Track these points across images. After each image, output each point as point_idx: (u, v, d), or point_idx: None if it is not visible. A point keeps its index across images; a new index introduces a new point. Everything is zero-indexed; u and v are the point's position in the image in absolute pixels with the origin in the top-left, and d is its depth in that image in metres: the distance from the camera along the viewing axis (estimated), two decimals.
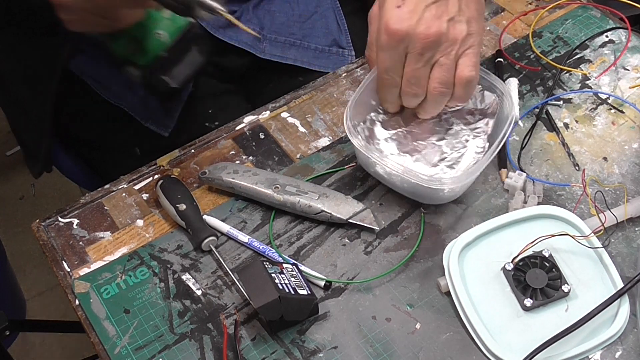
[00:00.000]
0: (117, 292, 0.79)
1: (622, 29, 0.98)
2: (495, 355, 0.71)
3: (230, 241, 0.82)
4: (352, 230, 0.82)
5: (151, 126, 1.03)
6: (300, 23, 1.08)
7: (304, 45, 1.07)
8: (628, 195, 0.81)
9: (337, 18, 1.10)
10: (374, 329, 0.75)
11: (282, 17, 1.07)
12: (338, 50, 1.09)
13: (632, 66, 0.94)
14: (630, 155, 0.86)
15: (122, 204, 0.86)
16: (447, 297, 0.76)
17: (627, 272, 0.76)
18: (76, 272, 0.81)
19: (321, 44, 1.08)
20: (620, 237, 0.79)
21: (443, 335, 0.74)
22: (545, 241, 0.75)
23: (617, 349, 0.72)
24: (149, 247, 0.82)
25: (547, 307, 0.74)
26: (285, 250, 0.81)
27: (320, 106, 0.94)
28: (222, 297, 0.78)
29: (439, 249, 0.79)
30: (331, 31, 1.09)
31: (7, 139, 2.12)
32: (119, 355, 0.74)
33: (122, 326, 0.76)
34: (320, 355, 0.73)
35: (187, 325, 0.76)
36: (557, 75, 0.94)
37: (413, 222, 0.82)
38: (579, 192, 0.83)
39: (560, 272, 0.74)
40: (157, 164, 0.89)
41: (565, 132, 0.89)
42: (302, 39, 1.07)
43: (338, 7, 1.10)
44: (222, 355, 0.73)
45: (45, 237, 0.84)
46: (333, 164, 0.88)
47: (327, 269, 0.79)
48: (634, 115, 0.89)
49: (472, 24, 0.79)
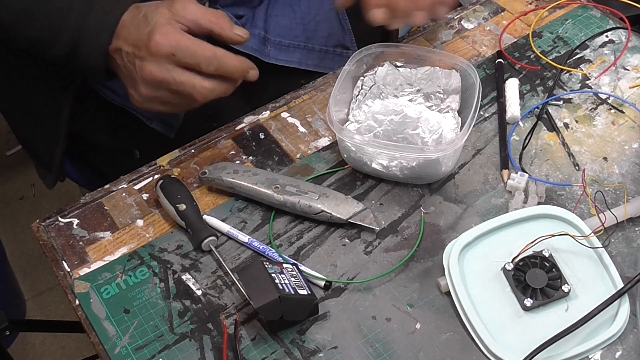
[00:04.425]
0: (117, 292, 0.79)
1: (622, 29, 0.98)
2: (495, 355, 0.71)
3: (230, 241, 0.82)
4: (352, 230, 0.82)
5: (157, 127, 1.02)
6: (303, 25, 1.07)
7: (309, 47, 1.07)
8: (628, 195, 0.81)
9: (340, 18, 1.10)
10: (374, 329, 0.75)
11: (285, 20, 1.07)
12: (342, 51, 1.08)
13: (632, 66, 0.94)
14: (630, 155, 0.86)
15: (122, 204, 0.86)
16: (447, 297, 0.76)
17: (627, 272, 0.76)
18: (76, 272, 0.81)
19: (325, 45, 1.08)
20: (620, 237, 0.79)
21: (443, 335, 0.74)
22: (545, 241, 0.75)
23: (617, 349, 0.72)
24: (149, 247, 0.82)
25: (547, 307, 0.74)
26: (285, 250, 0.81)
27: (320, 106, 0.94)
28: (222, 297, 0.78)
29: (439, 249, 0.79)
30: (335, 32, 1.09)
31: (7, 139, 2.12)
32: (119, 355, 0.74)
33: (122, 326, 0.76)
34: (320, 355, 0.73)
35: (187, 325, 0.76)
36: (557, 75, 0.94)
37: (413, 222, 0.82)
38: (579, 192, 0.83)
39: (560, 272, 0.74)
40: (157, 164, 0.89)
41: (565, 132, 0.89)
42: (306, 41, 1.07)
43: None
44: (222, 355, 0.73)
45: (45, 237, 0.84)
46: (333, 164, 0.88)
47: (327, 269, 0.79)
48: (634, 115, 0.89)
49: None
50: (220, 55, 0.81)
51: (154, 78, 0.81)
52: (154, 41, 0.80)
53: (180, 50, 0.80)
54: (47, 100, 1.02)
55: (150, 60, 0.80)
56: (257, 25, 1.06)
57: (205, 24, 0.82)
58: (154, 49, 0.80)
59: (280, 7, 1.07)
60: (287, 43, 1.07)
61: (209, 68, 0.81)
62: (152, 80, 0.81)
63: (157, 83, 0.82)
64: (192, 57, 0.80)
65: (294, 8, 1.08)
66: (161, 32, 0.80)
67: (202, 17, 0.82)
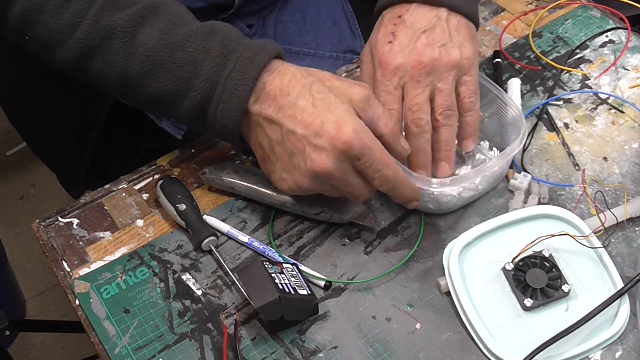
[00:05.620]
0: (117, 292, 0.79)
1: (622, 29, 0.98)
2: (495, 355, 0.71)
3: (230, 241, 0.82)
4: (352, 230, 0.82)
5: (166, 127, 1.01)
6: (313, 32, 1.07)
7: (319, 54, 1.07)
8: (628, 195, 0.81)
9: (349, 23, 1.09)
10: (374, 329, 0.75)
11: (294, 27, 1.06)
12: (353, 57, 1.08)
13: (632, 66, 0.94)
14: (630, 155, 0.86)
15: (122, 204, 0.86)
16: (447, 297, 0.76)
17: (627, 272, 0.76)
18: (76, 272, 0.81)
19: (336, 51, 1.08)
20: (620, 237, 0.79)
21: (443, 335, 0.74)
22: (545, 241, 0.75)
23: (617, 349, 0.72)
24: (149, 247, 0.82)
25: (547, 307, 0.74)
26: (285, 250, 0.81)
27: None
28: (222, 297, 0.78)
29: (439, 249, 0.79)
30: (345, 37, 1.08)
31: (7, 139, 2.12)
32: (119, 355, 0.74)
33: (122, 326, 0.76)
34: (320, 355, 0.73)
35: (187, 325, 0.76)
36: (557, 75, 0.94)
37: (413, 222, 0.82)
38: (579, 192, 0.83)
39: (560, 272, 0.74)
40: (157, 164, 0.89)
41: (565, 132, 0.89)
42: (316, 47, 1.07)
43: (350, 12, 1.09)
44: (222, 355, 0.73)
45: (45, 237, 0.84)
46: None
47: (327, 269, 0.79)
48: (634, 115, 0.89)
49: (466, 47, 0.79)
50: (400, 181, 0.74)
51: (327, 174, 0.72)
52: (345, 138, 0.70)
53: (368, 158, 0.71)
54: (75, 126, 1.01)
55: (330, 155, 0.71)
56: (267, 34, 1.05)
57: (382, 128, 0.74)
58: (342, 147, 0.70)
59: (289, 13, 1.07)
60: (297, 50, 1.06)
61: (382, 187, 0.74)
62: (324, 175, 0.72)
63: (326, 179, 0.73)
64: (375, 171, 0.72)
65: (303, 14, 1.07)
66: (354, 129, 0.70)
67: (381, 119, 0.74)
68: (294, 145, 0.73)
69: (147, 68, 0.75)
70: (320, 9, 1.08)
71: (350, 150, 0.71)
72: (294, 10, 1.07)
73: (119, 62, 0.76)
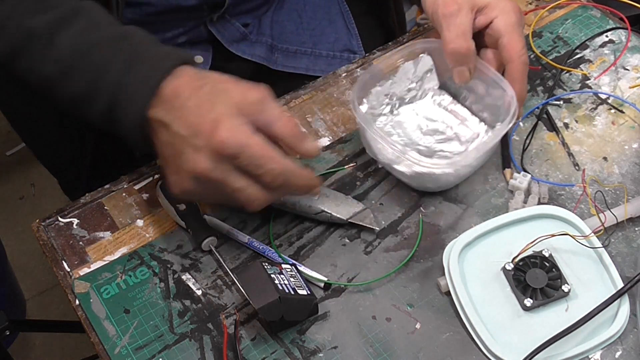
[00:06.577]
0: (117, 292, 0.79)
1: (622, 29, 0.98)
2: (495, 355, 0.71)
3: (230, 241, 0.82)
4: (352, 230, 0.82)
5: None
6: (309, 31, 1.07)
7: (315, 53, 1.07)
8: (628, 195, 0.81)
9: (346, 22, 1.09)
10: (374, 329, 0.75)
11: (291, 26, 1.06)
12: (350, 56, 1.08)
13: (632, 66, 0.94)
14: (630, 155, 0.86)
15: (122, 204, 0.86)
16: (447, 297, 0.76)
17: (627, 272, 0.76)
18: (76, 272, 0.81)
19: (332, 50, 1.08)
20: (620, 237, 0.79)
21: (443, 335, 0.74)
22: (545, 241, 0.75)
23: (617, 349, 0.72)
24: (149, 247, 0.82)
25: (547, 307, 0.74)
26: (285, 250, 0.81)
27: (320, 106, 0.94)
28: (222, 297, 0.78)
29: (439, 249, 0.79)
30: (341, 36, 1.08)
31: (7, 139, 2.12)
32: (119, 355, 0.74)
33: (122, 326, 0.76)
34: (320, 355, 0.73)
35: (187, 325, 0.76)
36: (557, 75, 0.94)
37: (413, 222, 0.82)
38: (579, 192, 0.83)
39: (560, 272, 0.74)
40: (157, 164, 0.89)
41: (565, 132, 0.89)
42: (313, 47, 1.06)
43: (347, 11, 1.09)
44: (222, 355, 0.73)
45: (45, 237, 0.84)
46: (333, 164, 0.88)
47: (327, 269, 0.79)
48: (634, 115, 0.89)
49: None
50: (290, 172, 0.71)
51: (206, 176, 0.70)
52: (218, 136, 0.68)
53: (246, 156, 0.68)
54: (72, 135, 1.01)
55: (207, 155, 0.69)
56: (264, 33, 1.05)
57: (278, 131, 0.71)
58: (216, 145, 0.68)
59: (285, 12, 1.07)
60: (294, 49, 1.06)
61: (273, 183, 0.70)
62: (203, 178, 0.70)
63: (207, 181, 0.70)
64: (257, 167, 0.69)
65: (300, 13, 1.07)
66: (228, 128, 0.68)
67: (277, 121, 0.71)
68: (178, 146, 0.71)
69: (61, 71, 0.77)
70: (316, 8, 1.08)
71: (225, 148, 0.68)
72: (291, 9, 1.07)
73: (38, 65, 0.78)
